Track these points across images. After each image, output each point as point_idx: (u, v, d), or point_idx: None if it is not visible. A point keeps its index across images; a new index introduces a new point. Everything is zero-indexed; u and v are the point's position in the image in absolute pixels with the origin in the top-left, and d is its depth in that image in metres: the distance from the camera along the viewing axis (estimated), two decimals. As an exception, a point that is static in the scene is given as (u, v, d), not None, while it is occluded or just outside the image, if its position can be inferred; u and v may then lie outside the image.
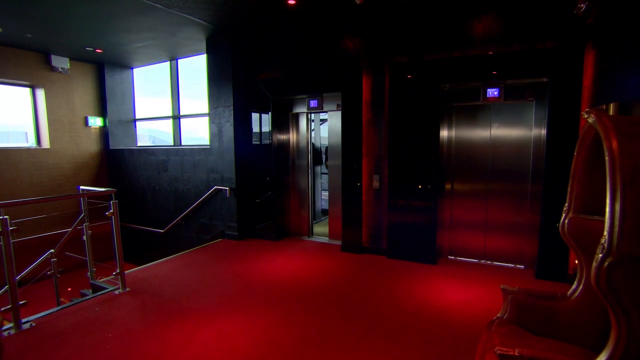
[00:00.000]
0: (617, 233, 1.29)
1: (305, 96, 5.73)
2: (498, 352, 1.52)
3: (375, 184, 5.04)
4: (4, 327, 3.02)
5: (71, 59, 7.33)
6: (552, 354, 1.53)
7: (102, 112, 7.97)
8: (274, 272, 4.50)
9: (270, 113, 5.97)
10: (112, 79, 7.96)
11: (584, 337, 1.89)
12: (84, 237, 4.15)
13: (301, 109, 5.96)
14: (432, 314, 3.38)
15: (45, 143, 7.19)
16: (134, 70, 8.34)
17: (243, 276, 4.39)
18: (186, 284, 4.17)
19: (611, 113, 3.05)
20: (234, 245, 5.74)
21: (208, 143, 6.36)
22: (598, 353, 1.42)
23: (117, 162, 7.96)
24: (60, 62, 7.13)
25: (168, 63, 7.62)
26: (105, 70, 7.82)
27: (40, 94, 7.08)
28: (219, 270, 4.62)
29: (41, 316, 3.37)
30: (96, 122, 7.87)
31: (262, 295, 3.82)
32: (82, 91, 7.66)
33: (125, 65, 8.10)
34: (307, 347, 2.84)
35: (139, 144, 8.54)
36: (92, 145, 7.89)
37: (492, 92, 4.40)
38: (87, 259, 4.23)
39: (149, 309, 3.55)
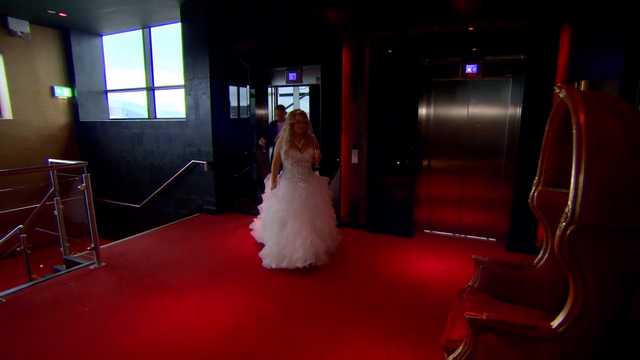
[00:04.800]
0: (580, 203, 1.36)
1: (284, 68, 5.60)
2: (467, 316, 1.60)
3: (354, 159, 5.06)
4: (-28, 303, 2.94)
5: (31, 22, 6.81)
6: (517, 317, 1.63)
7: (70, 82, 7.54)
8: (253, 246, 4.51)
9: (248, 86, 5.83)
10: (80, 47, 7.50)
11: (547, 302, 2.01)
12: (55, 212, 4.02)
13: (280, 81, 5.84)
14: (409, 284, 3.51)
15: (7, 114, 6.77)
16: (104, 37, 7.87)
17: (222, 250, 4.40)
18: (164, 258, 4.14)
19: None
20: (212, 220, 5.71)
21: (184, 116, 6.17)
22: (557, 315, 1.53)
23: (88, 135, 7.63)
24: (19, 26, 6.61)
25: (140, 31, 7.23)
26: (72, 37, 7.34)
27: (-1, 60, 6.61)
28: (197, 245, 4.60)
29: (12, 292, 3.29)
30: (64, 92, 7.45)
31: (241, 269, 3.85)
32: (46, 58, 7.19)
33: (93, 32, 7.63)
34: (287, 319, 2.91)
35: (111, 117, 8.19)
36: (60, 117, 7.50)
37: (471, 68, 4.43)
38: (60, 234, 4.11)
39: (126, 283, 3.52)
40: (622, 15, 2.99)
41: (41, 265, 5.36)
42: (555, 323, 1.48)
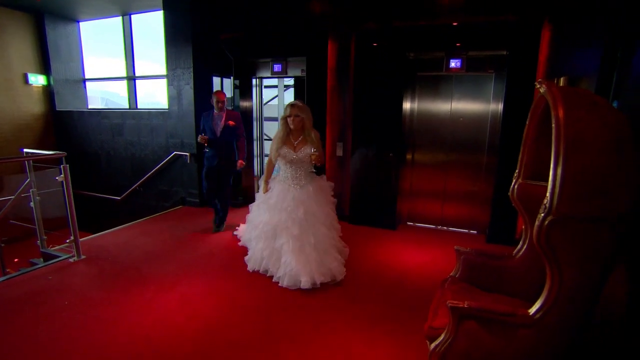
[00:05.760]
0: (558, 194, 1.41)
1: (269, 60, 5.54)
2: (449, 304, 1.64)
3: (339, 151, 5.07)
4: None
5: (1, 4, 6.46)
6: (497, 304, 1.69)
7: (45, 69, 7.25)
8: (236, 238, 4.48)
9: (232, 77, 5.74)
10: (55, 32, 7.20)
11: (526, 291, 2.08)
12: (32, 204, 3.89)
13: (265, 73, 5.77)
14: (392, 275, 3.57)
15: (-23, 102, 6.49)
16: (81, 24, 7.58)
17: (205, 243, 4.36)
18: (146, 250, 4.08)
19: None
20: (195, 212, 5.64)
21: (166, 107, 6.04)
22: (535, 303, 1.59)
23: (65, 125, 7.37)
24: (-12, 9, 6.30)
25: (120, 18, 7.00)
26: (46, 22, 7.03)
27: (-33, 45, 6.29)
28: (180, 237, 4.54)
29: (-13, 286, 3.19)
30: (38, 80, 7.17)
31: (224, 262, 3.83)
32: (19, 44, 6.88)
33: (69, 18, 7.34)
34: (271, 310, 2.92)
35: (90, 107, 7.93)
36: (35, 106, 7.22)
37: (455, 63, 4.49)
38: (36, 226, 3.99)
39: (107, 276, 3.46)
40: (599, 14, 3.08)
41: (15, 260, 5.19)
42: (532, 310, 1.54)
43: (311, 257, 3.25)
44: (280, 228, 3.35)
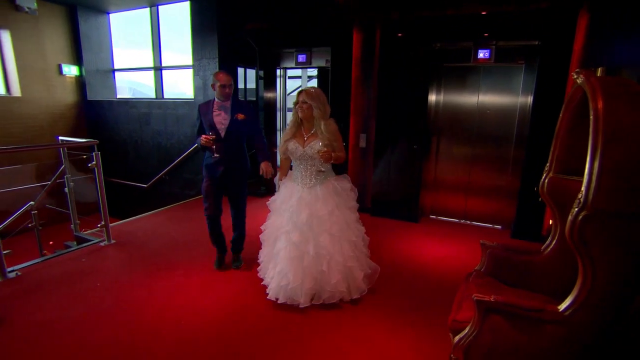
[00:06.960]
0: (594, 189, 1.36)
1: (293, 50, 5.54)
2: (475, 298, 1.63)
3: (362, 143, 5.05)
4: (-11, 275, 3.02)
5: (38, -2, 6.74)
6: (524, 299, 1.66)
7: (78, 60, 7.51)
8: (258, 226, 4.55)
9: (256, 68, 5.78)
10: (87, 24, 7.43)
11: (552, 288, 2.04)
12: (66, 189, 4.08)
13: (289, 63, 5.78)
14: (414, 268, 3.55)
15: (16, 91, 6.78)
16: (111, 15, 7.79)
17: (229, 230, 4.43)
18: (172, 237, 4.21)
19: (597, 78, 3.08)
20: (219, 202, 5.75)
21: (191, 97, 6.16)
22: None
23: (96, 114, 7.64)
24: (26, 1, 6.50)
25: (148, 9, 7.14)
26: (79, 14, 7.26)
27: (6, 36, 6.54)
28: (204, 225, 4.60)
29: (26, 266, 3.38)
30: (71, 70, 7.43)
31: (247, 248, 3.90)
32: (54, 35, 7.14)
33: (100, 10, 7.55)
34: (293, 297, 2.97)
35: (118, 96, 8.18)
36: (68, 96, 7.50)
37: (483, 54, 4.35)
38: (70, 211, 4.18)
39: (136, 260, 3.60)
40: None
41: (50, 242, 5.47)
42: (562, 306, 1.50)
43: (308, 271, 2.76)
44: (280, 232, 2.89)
